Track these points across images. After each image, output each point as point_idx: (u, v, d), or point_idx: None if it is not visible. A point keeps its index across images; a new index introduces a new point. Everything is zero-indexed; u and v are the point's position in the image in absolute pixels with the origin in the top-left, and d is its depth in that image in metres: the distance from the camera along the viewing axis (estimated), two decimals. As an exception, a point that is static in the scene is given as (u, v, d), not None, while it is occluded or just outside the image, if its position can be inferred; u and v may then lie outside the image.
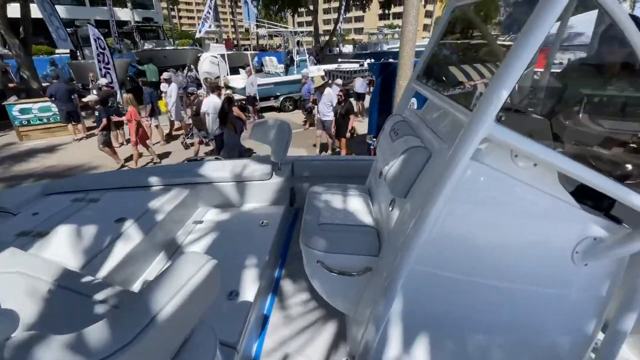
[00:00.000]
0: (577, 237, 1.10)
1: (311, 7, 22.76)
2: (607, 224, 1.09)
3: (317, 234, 1.45)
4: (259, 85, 9.71)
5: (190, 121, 6.84)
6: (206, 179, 2.37)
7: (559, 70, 1.83)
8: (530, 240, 1.12)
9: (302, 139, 7.71)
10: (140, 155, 6.25)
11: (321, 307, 1.75)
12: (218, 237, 2.05)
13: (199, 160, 2.76)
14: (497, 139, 0.92)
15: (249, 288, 1.60)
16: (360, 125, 8.10)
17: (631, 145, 1.25)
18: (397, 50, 4.32)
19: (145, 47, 17.49)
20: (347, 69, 13.16)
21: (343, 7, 22.70)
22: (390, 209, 1.41)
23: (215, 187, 2.38)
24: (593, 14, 1.47)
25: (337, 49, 25.00)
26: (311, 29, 23.63)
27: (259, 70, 13.97)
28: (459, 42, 1.72)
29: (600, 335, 1.28)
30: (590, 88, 1.55)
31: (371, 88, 9.56)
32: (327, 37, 23.70)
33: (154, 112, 7.35)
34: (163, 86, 8.05)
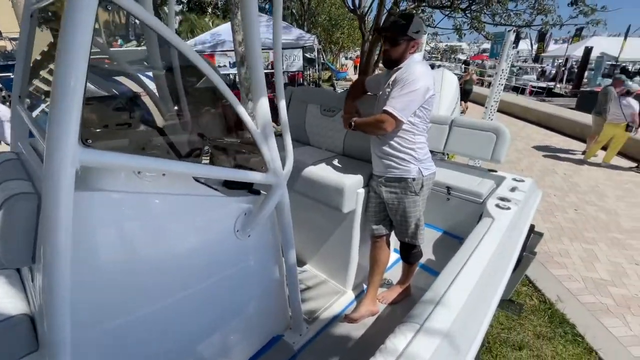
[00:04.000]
0: (233, 218, 1.27)
1: None
2: (251, 199, 1.33)
3: None
4: None
5: None
6: None
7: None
8: (196, 241, 1.18)
9: None
10: None
11: None
12: None
13: None
14: (95, 163, 0.81)
15: None
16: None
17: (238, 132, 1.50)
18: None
19: None
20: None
21: None
22: (32, 281, 1.06)
23: None
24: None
25: None
26: None
27: None
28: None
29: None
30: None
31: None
32: None
33: None
34: None
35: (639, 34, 25.90)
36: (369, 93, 1.87)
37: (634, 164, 6.18)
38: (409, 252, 1.84)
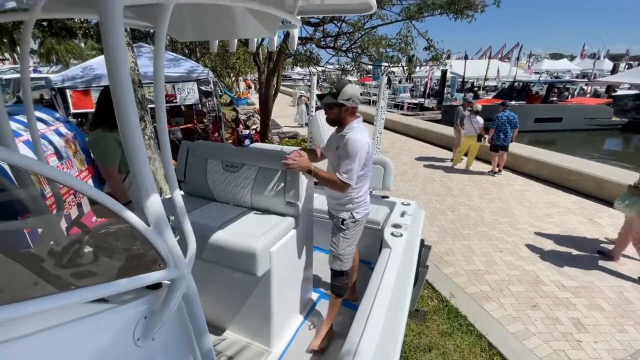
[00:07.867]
0: (130, 328, 1.12)
1: None
2: (150, 297, 1.19)
3: None
4: None
5: None
6: None
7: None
8: None
9: None
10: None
11: None
12: None
13: None
14: None
15: None
16: None
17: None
18: None
19: None
20: None
21: None
22: None
23: None
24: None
25: None
26: None
27: None
28: None
29: None
30: None
31: None
32: None
33: None
34: None
35: (478, 55, 33.79)
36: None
37: (488, 166, 7.81)
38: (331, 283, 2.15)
